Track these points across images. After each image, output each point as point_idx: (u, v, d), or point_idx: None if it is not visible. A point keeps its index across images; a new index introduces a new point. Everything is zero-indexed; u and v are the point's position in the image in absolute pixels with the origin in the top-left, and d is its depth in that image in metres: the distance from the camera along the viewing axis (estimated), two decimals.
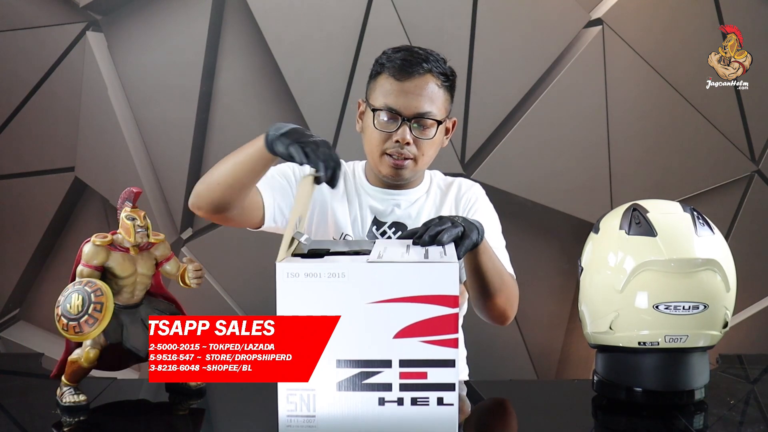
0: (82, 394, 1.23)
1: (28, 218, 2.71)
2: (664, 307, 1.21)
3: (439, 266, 1.04)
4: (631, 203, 1.30)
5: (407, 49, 1.61)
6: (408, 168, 1.61)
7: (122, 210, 1.25)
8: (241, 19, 2.65)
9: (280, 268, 1.06)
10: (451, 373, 1.05)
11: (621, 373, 1.27)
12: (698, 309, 1.20)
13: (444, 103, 1.62)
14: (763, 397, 1.36)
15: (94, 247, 1.23)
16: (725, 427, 1.22)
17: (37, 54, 2.66)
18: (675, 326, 1.21)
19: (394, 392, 1.07)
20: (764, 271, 2.74)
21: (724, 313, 1.22)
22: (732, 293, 1.24)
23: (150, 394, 1.32)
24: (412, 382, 1.06)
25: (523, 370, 2.71)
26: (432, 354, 1.05)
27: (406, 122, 1.56)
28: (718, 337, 1.24)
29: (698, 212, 1.26)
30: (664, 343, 1.22)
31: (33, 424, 1.25)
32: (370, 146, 1.62)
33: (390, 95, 1.57)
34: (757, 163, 2.73)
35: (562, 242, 2.63)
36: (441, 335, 1.04)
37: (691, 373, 1.24)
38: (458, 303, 1.04)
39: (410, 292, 1.04)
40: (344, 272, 1.05)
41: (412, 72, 1.56)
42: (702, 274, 1.20)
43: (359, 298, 1.05)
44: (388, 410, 1.07)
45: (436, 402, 1.06)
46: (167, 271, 1.29)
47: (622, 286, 1.23)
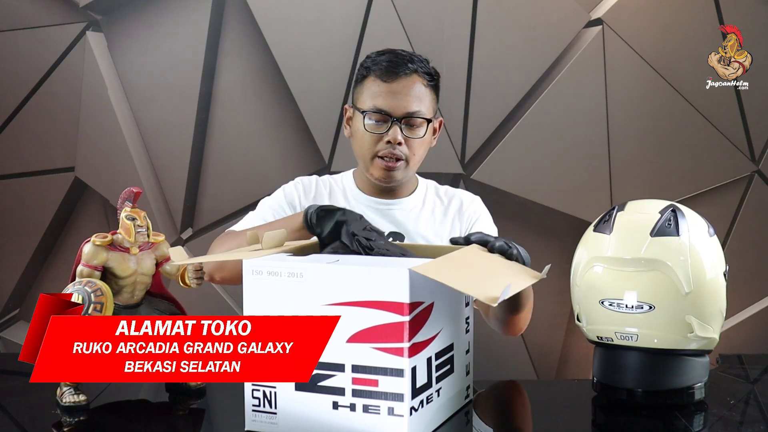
0: (82, 394, 1.23)
1: (28, 218, 2.71)
2: (608, 304, 1.22)
3: (388, 271, 1.02)
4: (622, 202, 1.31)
5: (391, 52, 1.62)
6: (400, 169, 1.61)
7: (122, 210, 1.25)
8: (241, 19, 2.65)
9: (245, 265, 1.08)
10: (400, 383, 1.02)
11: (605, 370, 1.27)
12: (642, 309, 1.20)
13: (431, 102, 1.62)
14: (763, 397, 1.36)
15: (94, 247, 1.23)
16: (725, 427, 1.22)
17: (37, 54, 2.66)
18: (622, 323, 1.22)
19: (347, 397, 1.05)
20: (764, 271, 2.73)
21: (682, 316, 1.20)
22: (698, 297, 1.20)
23: (150, 394, 1.32)
24: (363, 388, 1.04)
25: (523, 370, 2.71)
26: (382, 362, 1.03)
27: (396, 122, 1.57)
28: (689, 342, 1.21)
29: (679, 214, 1.23)
30: (617, 339, 1.23)
31: (33, 424, 1.25)
32: (361, 150, 1.62)
33: (378, 97, 1.58)
34: (757, 163, 2.73)
35: (562, 242, 2.63)
36: (390, 343, 1.02)
37: (671, 374, 1.23)
38: (407, 311, 1.01)
39: (362, 297, 1.03)
40: (302, 272, 1.06)
41: (399, 72, 1.57)
42: (647, 274, 1.20)
43: (315, 299, 1.05)
44: (341, 415, 1.06)
45: (386, 411, 1.04)
46: (167, 271, 1.29)
47: (578, 280, 1.27)
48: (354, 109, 1.64)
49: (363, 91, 1.61)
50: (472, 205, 1.72)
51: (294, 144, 2.68)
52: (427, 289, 1.05)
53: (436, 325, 1.09)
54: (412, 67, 1.58)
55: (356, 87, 1.64)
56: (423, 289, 1.04)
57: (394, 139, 1.57)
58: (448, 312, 1.13)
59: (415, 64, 1.59)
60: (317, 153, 2.67)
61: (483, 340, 1.30)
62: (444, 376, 1.13)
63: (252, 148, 2.68)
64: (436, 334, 1.09)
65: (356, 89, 1.64)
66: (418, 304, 1.04)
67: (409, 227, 1.66)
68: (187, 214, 2.70)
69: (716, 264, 1.23)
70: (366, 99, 1.60)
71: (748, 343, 2.71)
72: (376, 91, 1.58)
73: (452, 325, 1.15)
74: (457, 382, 1.18)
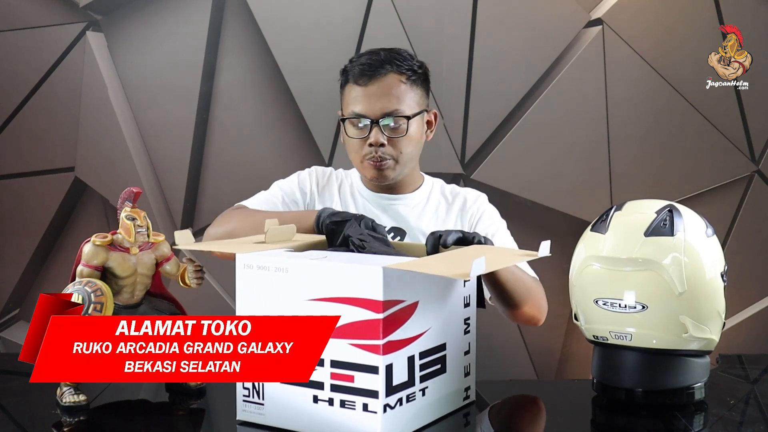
0: (82, 394, 1.23)
1: (28, 218, 2.71)
2: (602, 303, 1.22)
3: (364, 269, 1.04)
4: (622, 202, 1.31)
5: (369, 53, 1.63)
6: (389, 168, 1.61)
7: (122, 210, 1.25)
8: (241, 19, 2.65)
9: (238, 258, 1.11)
10: (374, 380, 1.03)
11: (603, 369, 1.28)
12: (635, 308, 1.20)
13: (414, 98, 1.62)
14: (763, 397, 1.36)
15: (94, 247, 1.23)
16: (725, 427, 1.22)
17: (37, 54, 2.66)
18: (616, 323, 1.22)
19: (326, 392, 1.07)
20: (764, 271, 2.73)
21: (676, 316, 1.19)
22: (693, 298, 1.19)
23: (150, 394, 1.32)
24: (341, 383, 1.06)
25: (523, 370, 2.71)
26: (358, 358, 1.04)
27: (375, 124, 1.58)
28: (686, 342, 1.20)
29: (676, 214, 1.23)
30: (612, 339, 1.23)
31: (33, 424, 1.25)
32: (351, 155, 1.65)
33: (356, 102, 1.59)
34: (757, 163, 2.73)
35: (562, 242, 2.61)
36: (366, 340, 1.03)
37: (668, 374, 1.23)
38: (382, 309, 1.02)
39: (340, 293, 1.05)
40: (287, 268, 1.08)
41: (373, 74, 1.58)
42: (640, 274, 1.20)
43: (299, 294, 1.07)
44: (320, 408, 1.08)
45: (362, 407, 1.05)
46: (167, 271, 1.29)
47: (575, 279, 1.28)
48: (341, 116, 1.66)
49: (344, 98, 1.64)
50: (475, 204, 1.72)
51: (294, 144, 2.68)
52: (408, 288, 1.06)
53: (422, 324, 1.10)
54: (388, 67, 1.59)
55: (340, 93, 1.66)
56: (403, 287, 1.05)
57: (375, 141, 1.58)
58: (438, 312, 1.13)
59: (392, 63, 1.59)
60: (317, 153, 2.67)
61: (483, 340, 1.30)
62: (432, 375, 1.13)
63: (252, 148, 2.68)
64: (421, 333, 1.10)
65: (340, 96, 1.66)
66: (395, 302, 1.04)
67: (411, 223, 1.67)
68: (187, 214, 2.70)
69: (714, 264, 1.22)
70: (347, 105, 1.62)
71: (748, 343, 2.71)
72: (354, 96, 1.60)
73: (444, 325, 1.15)
74: (450, 383, 1.18)
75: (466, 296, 1.20)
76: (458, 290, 1.18)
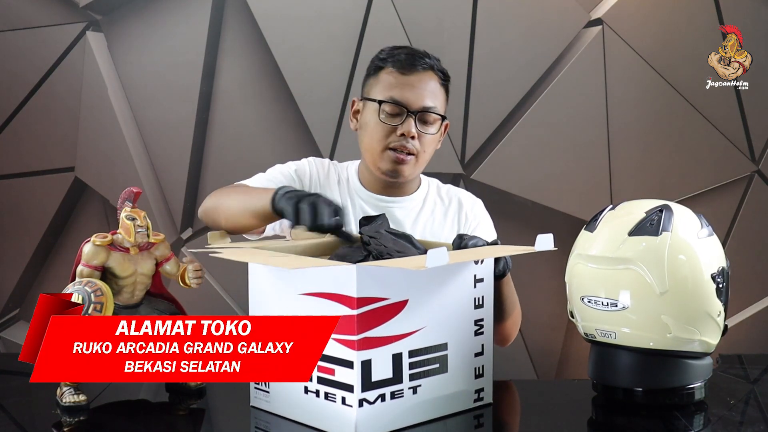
0: (82, 394, 1.23)
1: (28, 218, 2.71)
2: (587, 301, 1.24)
3: (341, 266, 1.08)
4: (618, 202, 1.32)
5: (406, 47, 1.62)
6: (409, 164, 1.58)
7: (122, 210, 1.25)
8: (241, 19, 2.65)
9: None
10: (350, 374, 1.06)
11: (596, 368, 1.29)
12: (616, 307, 1.20)
13: (443, 101, 1.62)
14: (763, 397, 1.36)
15: (94, 247, 1.23)
16: (725, 427, 1.22)
17: (37, 54, 2.66)
18: (601, 321, 1.23)
19: (314, 383, 1.11)
20: (764, 271, 2.73)
21: (658, 316, 1.19)
22: (676, 298, 1.18)
23: (150, 394, 1.32)
24: (324, 376, 1.10)
25: (523, 370, 2.71)
26: (337, 352, 1.07)
27: (411, 115, 1.55)
28: (680, 343, 1.20)
29: (667, 214, 1.22)
30: (599, 336, 1.24)
31: (33, 424, 1.25)
32: (371, 142, 1.58)
33: (395, 88, 1.56)
34: (757, 163, 2.73)
35: (562, 242, 2.61)
36: (343, 335, 1.06)
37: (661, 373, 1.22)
38: (356, 306, 1.05)
39: (325, 289, 1.09)
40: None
41: (417, 66, 1.56)
42: (621, 272, 1.20)
43: (295, 288, 1.13)
44: (309, 399, 1.12)
45: (341, 400, 1.08)
46: (167, 271, 1.29)
47: (567, 276, 1.30)
48: (365, 101, 1.61)
49: (378, 83, 1.59)
50: (472, 210, 1.71)
51: (294, 144, 2.68)
52: (393, 286, 1.08)
53: (414, 323, 1.10)
54: (429, 62, 1.58)
55: (369, 79, 1.62)
56: (383, 285, 1.07)
57: (408, 131, 1.54)
58: (437, 311, 1.14)
59: (431, 60, 1.59)
60: (317, 153, 2.66)
61: None
62: (427, 374, 1.13)
63: (252, 148, 2.68)
64: (411, 332, 1.10)
65: (369, 81, 1.62)
66: (373, 299, 1.06)
67: (407, 226, 1.66)
68: (187, 214, 2.70)
69: (706, 264, 1.21)
70: (381, 90, 1.57)
71: (748, 343, 2.71)
72: (392, 82, 1.56)
73: (445, 325, 1.15)
74: (453, 383, 1.17)
75: (477, 297, 1.20)
76: (466, 291, 1.18)
